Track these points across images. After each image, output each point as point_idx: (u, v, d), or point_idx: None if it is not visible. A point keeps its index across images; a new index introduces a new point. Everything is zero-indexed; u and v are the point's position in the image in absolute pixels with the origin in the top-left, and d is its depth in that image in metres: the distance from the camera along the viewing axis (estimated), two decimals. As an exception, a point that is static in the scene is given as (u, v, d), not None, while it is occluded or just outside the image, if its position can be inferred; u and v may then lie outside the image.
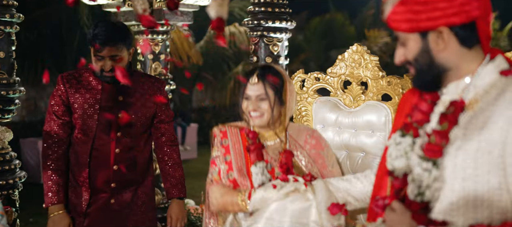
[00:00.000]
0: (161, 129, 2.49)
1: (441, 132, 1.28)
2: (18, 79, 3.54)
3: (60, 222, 2.30)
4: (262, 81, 1.94)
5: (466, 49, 1.28)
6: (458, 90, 1.31)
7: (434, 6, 1.23)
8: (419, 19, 1.25)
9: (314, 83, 2.85)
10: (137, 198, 2.44)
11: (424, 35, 1.28)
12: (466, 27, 1.26)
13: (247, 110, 1.96)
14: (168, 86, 4.36)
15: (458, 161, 1.24)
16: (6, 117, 3.51)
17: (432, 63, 1.30)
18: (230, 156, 2.02)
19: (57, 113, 2.34)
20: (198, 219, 4.30)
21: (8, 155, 3.54)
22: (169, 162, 2.50)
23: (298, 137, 2.02)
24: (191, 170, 8.69)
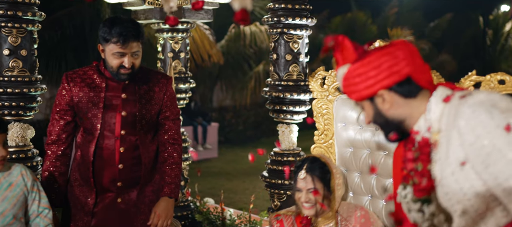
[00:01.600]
0: (165, 126, 2.44)
1: (419, 172, 1.43)
2: (40, 77, 3.57)
3: None
4: (310, 175, 2.14)
5: (412, 99, 1.42)
6: (422, 131, 1.43)
7: (367, 76, 1.40)
8: (360, 90, 1.42)
9: (335, 81, 2.80)
10: (144, 197, 2.40)
11: (371, 100, 1.44)
12: (403, 83, 1.40)
13: (300, 201, 2.15)
14: (188, 84, 4.35)
15: (446, 190, 1.35)
16: (28, 114, 3.54)
17: (386, 120, 1.45)
18: None
19: (59, 113, 2.32)
20: (218, 218, 4.28)
21: (30, 152, 3.57)
22: (168, 159, 2.44)
23: (348, 217, 2.16)
24: (211, 169, 8.70)
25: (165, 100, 2.42)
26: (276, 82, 3.58)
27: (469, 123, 1.28)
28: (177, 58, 4.31)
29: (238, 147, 10.74)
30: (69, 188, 2.41)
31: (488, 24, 16.89)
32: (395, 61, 1.39)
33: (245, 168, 8.72)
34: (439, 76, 2.45)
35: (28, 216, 2.11)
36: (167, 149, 2.46)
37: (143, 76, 2.36)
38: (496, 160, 1.25)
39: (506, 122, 1.24)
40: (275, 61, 3.60)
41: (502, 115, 1.25)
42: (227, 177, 7.93)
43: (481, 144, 1.26)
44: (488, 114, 1.26)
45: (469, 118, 1.29)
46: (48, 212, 2.19)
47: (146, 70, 2.42)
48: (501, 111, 1.26)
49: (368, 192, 2.56)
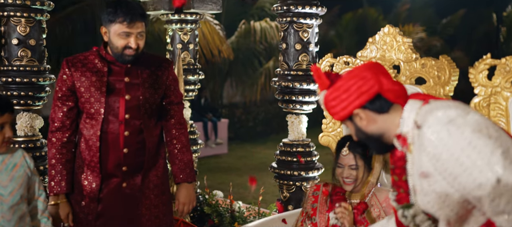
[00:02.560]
0: (170, 111, 2.43)
1: (397, 183, 1.58)
2: (48, 67, 3.56)
3: (59, 211, 2.29)
4: (352, 153, 2.21)
5: (385, 114, 1.53)
6: (399, 144, 1.54)
7: (340, 99, 1.53)
8: (337, 111, 1.56)
9: (343, 68, 2.75)
10: (148, 182, 2.38)
11: (350, 119, 1.57)
12: (374, 100, 1.52)
13: (341, 176, 2.24)
14: (197, 76, 4.33)
15: (428, 199, 1.45)
16: (37, 104, 3.54)
17: (367, 136, 1.57)
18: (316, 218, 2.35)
19: (61, 99, 2.29)
20: (226, 211, 4.25)
21: (39, 142, 3.57)
22: (177, 145, 2.43)
23: (380, 197, 2.25)
24: (221, 164, 8.68)
25: (169, 84, 2.41)
26: (285, 72, 3.53)
27: (431, 142, 1.39)
28: (186, 50, 4.28)
29: (248, 144, 10.71)
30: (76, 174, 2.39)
31: (501, 21, 16.66)
32: (362, 81, 1.51)
33: (255, 164, 8.69)
34: (454, 66, 2.39)
35: (28, 197, 2.11)
36: (174, 134, 2.44)
37: (145, 60, 2.34)
38: (460, 172, 1.34)
39: (463, 136, 1.34)
40: (285, 51, 3.55)
41: (459, 130, 1.35)
42: (237, 173, 7.91)
43: (444, 159, 1.36)
44: (446, 130, 1.36)
45: (430, 137, 1.39)
46: (45, 196, 2.18)
47: (147, 54, 2.40)
48: (458, 126, 1.36)
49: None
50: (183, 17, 4.14)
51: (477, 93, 2.21)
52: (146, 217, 2.36)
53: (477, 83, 2.19)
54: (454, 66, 2.34)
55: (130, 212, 2.34)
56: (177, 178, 2.42)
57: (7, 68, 3.44)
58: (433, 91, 2.38)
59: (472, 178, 1.32)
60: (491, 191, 1.31)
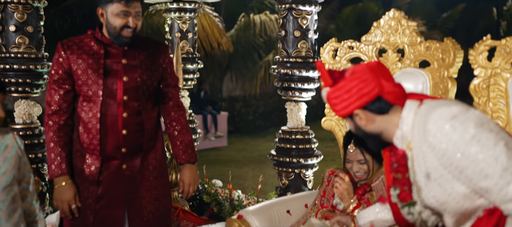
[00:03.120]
0: (168, 93, 2.43)
1: (400, 181, 1.62)
2: (46, 54, 3.55)
3: (65, 193, 2.25)
4: (359, 148, 2.22)
5: (384, 115, 1.57)
6: (399, 143, 1.59)
7: (341, 99, 1.57)
8: (339, 110, 1.60)
9: (347, 52, 2.73)
10: (148, 164, 2.37)
11: (351, 117, 1.62)
12: (375, 102, 1.55)
13: (351, 170, 2.26)
14: (196, 65, 4.31)
15: (433, 194, 1.51)
16: (35, 91, 3.53)
17: (365, 134, 1.63)
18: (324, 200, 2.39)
19: (57, 82, 2.27)
20: (226, 199, 4.24)
21: (37, 129, 3.56)
22: (177, 127, 2.42)
23: None
24: (221, 157, 8.68)
25: (165, 67, 2.40)
26: (284, 59, 3.52)
27: (436, 137, 1.44)
28: (185, 39, 4.26)
29: (248, 137, 10.70)
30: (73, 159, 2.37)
31: (502, 16, 16.62)
32: (364, 84, 1.55)
33: (255, 156, 8.69)
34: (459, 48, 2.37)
35: (19, 178, 2.09)
36: (173, 116, 2.43)
37: (141, 43, 2.33)
38: (466, 165, 1.41)
39: (467, 131, 1.40)
40: (284, 38, 3.54)
41: (462, 125, 1.41)
42: (237, 165, 7.90)
43: (449, 154, 1.42)
44: (450, 126, 1.42)
45: (435, 134, 1.44)
46: (33, 177, 2.16)
47: (143, 37, 2.39)
48: (461, 122, 1.42)
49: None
50: (181, 6, 4.12)
51: (477, 74, 2.20)
52: (146, 199, 2.35)
53: (477, 65, 2.18)
54: (459, 48, 2.33)
55: (130, 194, 2.33)
56: (179, 159, 2.41)
57: (5, 55, 3.42)
58: (437, 73, 2.37)
59: (478, 169, 1.39)
60: (498, 181, 1.38)
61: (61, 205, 2.28)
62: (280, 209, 2.58)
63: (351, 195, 2.23)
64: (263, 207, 2.59)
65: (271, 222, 2.51)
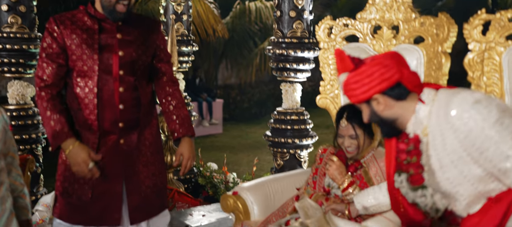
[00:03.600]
0: (161, 69, 2.42)
1: (413, 164, 1.67)
2: (39, 35, 3.52)
3: (78, 154, 2.19)
4: (350, 123, 2.24)
5: (402, 101, 1.63)
6: (412, 128, 1.66)
7: (362, 83, 1.61)
8: (357, 94, 1.64)
9: (342, 30, 2.72)
10: (144, 139, 2.36)
11: (368, 102, 1.66)
12: (394, 88, 1.61)
13: (343, 146, 2.29)
14: (191, 47, 4.29)
15: (448, 175, 1.57)
16: (28, 72, 3.50)
17: (381, 119, 1.67)
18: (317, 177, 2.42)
19: (51, 56, 2.23)
20: (221, 182, 4.25)
21: (31, 110, 3.54)
22: (172, 101, 2.41)
23: (378, 157, 2.29)
24: (216, 143, 8.67)
25: (159, 43, 2.39)
26: (279, 40, 3.51)
27: (461, 120, 1.50)
28: (180, 21, 4.24)
29: (243, 124, 10.69)
30: None
31: (496, 5, 16.62)
32: (385, 69, 1.60)
33: (250, 143, 8.69)
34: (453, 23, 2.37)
35: (4, 152, 2.06)
36: (168, 91, 2.42)
37: (135, 19, 2.32)
38: (488, 146, 1.48)
39: (491, 114, 1.48)
40: (279, 18, 3.52)
41: (486, 109, 1.48)
42: (232, 151, 7.90)
43: (474, 135, 1.49)
44: (475, 109, 1.49)
45: (460, 115, 1.51)
46: (16, 152, 2.12)
47: (136, 14, 2.38)
48: (485, 106, 1.49)
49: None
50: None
51: (471, 49, 2.20)
52: (143, 174, 2.35)
53: (471, 39, 2.18)
54: (453, 23, 2.33)
55: (128, 169, 2.32)
56: (177, 133, 2.38)
57: (-2, 35, 3.39)
58: (432, 48, 2.37)
59: (499, 151, 1.47)
60: None
61: (79, 168, 2.21)
62: (274, 186, 2.59)
63: (343, 174, 2.25)
64: (258, 183, 2.59)
65: (265, 199, 2.52)
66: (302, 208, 2.11)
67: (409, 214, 1.76)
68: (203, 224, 3.25)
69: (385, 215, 2.05)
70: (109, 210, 2.30)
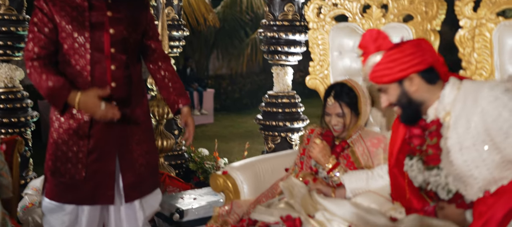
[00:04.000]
0: (151, 45, 2.41)
1: (433, 145, 1.73)
2: (28, 17, 3.47)
3: (87, 101, 2.13)
4: (338, 101, 2.25)
5: (432, 85, 1.71)
6: (434, 112, 1.73)
7: (401, 61, 1.67)
8: (394, 72, 1.69)
9: (331, 9, 2.72)
10: (136, 117, 2.36)
11: (400, 83, 1.71)
12: (428, 71, 1.69)
13: (330, 124, 2.30)
14: (181, 32, 4.26)
15: (466, 158, 1.63)
16: (16, 54, 3.46)
17: (410, 101, 1.72)
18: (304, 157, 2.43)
19: (43, 30, 2.18)
20: (212, 167, 4.25)
21: (20, 93, 3.50)
22: (167, 74, 2.40)
23: (365, 137, 2.30)
24: (207, 133, 8.65)
25: (148, 21, 2.38)
26: (270, 22, 3.49)
27: (491, 104, 1.57)
28: (170, 5, 4.21)
29: (234, 114, 10.68)
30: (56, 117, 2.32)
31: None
32: (422, 52, 1.68)
33: (241, 132, 8.69)
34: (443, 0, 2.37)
35: None
36: (160, 65, 2.41)
37: None
38: None
39: None
40: (270, 1, 3.51)
41: None
42: (223, 140, 7.89)
43: (502, 119, 1.55)
44: (507, 96, 1.56)
45: (491, 99, 1.58)
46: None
47: None
48: None
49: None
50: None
51: (462, 25, 2.20)
52: (137, 152, 2.34)
53: (462, 15, 2.18)
54: (442, 0, 2.33)
55: (121, 147, 2.31)
56: (177, 104, 2.38)
57: (-15, 16, 3.34)
58: (421, 26, 2.37)
59: None
60: None
61: (95, 114, 2.16)
62: (265, 166, 2.58)
63: (326, 157, 2.25)
64: (248, 163, 2.58)
65: (255, 178, 2.51)
66: (287, 188, 2.11)
67: (413, 201, 1.80)
68: (194, 207, 3.24)
69: (374, 191, 2.06)
70: (102, 188, 2.28)
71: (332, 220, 1.88)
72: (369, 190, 2.07)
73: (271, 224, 1.99)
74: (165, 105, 3.88)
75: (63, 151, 2.28)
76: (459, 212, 1.70)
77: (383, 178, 2.09)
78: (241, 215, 2.28)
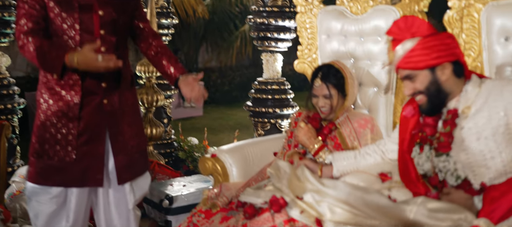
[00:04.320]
0: (140, 25, 2.40)
1: (446, 133, 1.77)
2: (13, 2, 3.43)
3: (84, 57, 2.08)
4: (325, 83, 2.25)
5: (458, 79, 1.77)
6: (454, 104, 1.78)
7: (439, 48, 1.72)
8: (429, 59, 1.73)
9: (320, -7, 2.71)
10: (125, 99, 2.34)
11: (432, 70, 1.73)
12: (457, 63, 1.75)
13: (317, 105, 2.30)
14: (170, 20, 4.24)
15: (482, 148, 1.70)
16: (2, 41, 3.42)
17: (439, 90, 1.76)
18: (292, 140, 2.43)
19: (34, 7, 2.15)
20: (202, 155, 4.23)
21: (6, 80, 3.46)
22: (159, 48, 2.39)
23: (352, 118, 2.31)
24: (196, 125, 8.63)
25: (136, 5, 2.36)
26: (260, 8, 3.48)
27: None
28: (159, -8, 4.18)
29: (224, 107, 10.66)
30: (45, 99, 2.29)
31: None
32: (456, 44, 1.76)
33: (231, 124, 8.68)
34: None
35: None
36: (151, 41, 2.40)
37: None
38: None
39: None
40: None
41: None
42: (213, 132, 7.87)
43: None
44: None
45: None
46: None
47: None
48: None
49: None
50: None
51: (451, 6, 2.21)
52: (128, 134, 2.33)
53: (451, -4, 2.19)
54: None
55: (112, 129, 2.29)
56: (175, 73, 2.34)
57: (-30, 1, 3.30)
58: (408, 8, 2.37)
59: None
60: None
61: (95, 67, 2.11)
62: (254, 149, 2.58)
63: (311, 139, 2.25)
64: (237, 146, 2.58)
65: (244, 161, 2.51)
66: (273, 172, 2.10)
67: (419, 186, 1.83)
68: (183, 194, 3.23)
69: (362, 170, 2.07)
70: (91, 171, 2.26)
71: (321, 202, 1.85)
72: (358, 169, 2.08)
73: (257, 205, 1.98)
74: (155, 92, 3.86)
75: (51, 133, 2.25)
76: (467, 197, 1.72)
77: (371, 156, 2.10)
78: (230, 198, 2.27)
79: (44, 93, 2.27)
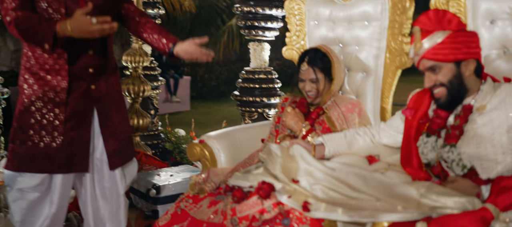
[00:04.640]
0: (125, 6, 2.38)
1: (456, 126, 1.81)
2: (-3, -10, 3.37)
3: (77, 22, 2.03)
4: (311, 67, 2.25)
5: (477, 78, 1.81)
6: (470, 101, 1.82)
7: (468, 44, 1.76)
8: (459, 53, 1.76)
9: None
10: (112, 85, 2.33)
11: (457, 64, 1.77)
12: (478, 62, 1.80)
13: (304, 90, 2.31)
14: (157, 10, 4.21)
15: (495, 142, 1.73)
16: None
17: (461, 84, 1.79)
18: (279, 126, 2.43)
19: None
20: (189, 147, 4.21)
21: (-11, 69, 3.41)
22: (148, 24, 2.37)
23: (340, 102, 2.31)
24: (184, 119, 8.60)
25: None
26: (247, -3, 3.47)
27: None
28: (145, -18, 4.14)
29: (211, 102, 10.64)
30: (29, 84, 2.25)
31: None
32: (478, 43, 1.80)
33: (218, 119, 8.64)
34: None
35: None
36: (140, 20, 2.37)
37: None
38: None
39: None
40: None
41: None
42: (200, 126, 7.82)
43: None
44: None
45: None
46: None
47: None
48: None
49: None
50: None
51: (437, -10, 2.22)
52: (117, 120, 2.31)
53: (437, -20, 2.20)
54: None
55: (101, 115, 2.27)
56: (168, 43, 2.32)
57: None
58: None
59: None
60: None
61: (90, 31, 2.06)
62: (242, 135, 2.57)
63: (299, 124, 2.25)
64: (225, 132, 2.57)
65: (232, 147, 2.50)
66: (266, 158, 2.09)
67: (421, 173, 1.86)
68: (171, 183, 3.21)
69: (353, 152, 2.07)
70: (77, 157, 2.24)
71: (315, 185, 1.85)
72: (349, 150, 2.08)
73: (246, 189, 1.97)
74: (141, 83, 3.83)
75: (36, 118, 2.21)
76: (473, 185, 1.73)
77: (361, 137, 2.11)
78: (218, 183, 2.26)
79: (28, 78, 2.23)
